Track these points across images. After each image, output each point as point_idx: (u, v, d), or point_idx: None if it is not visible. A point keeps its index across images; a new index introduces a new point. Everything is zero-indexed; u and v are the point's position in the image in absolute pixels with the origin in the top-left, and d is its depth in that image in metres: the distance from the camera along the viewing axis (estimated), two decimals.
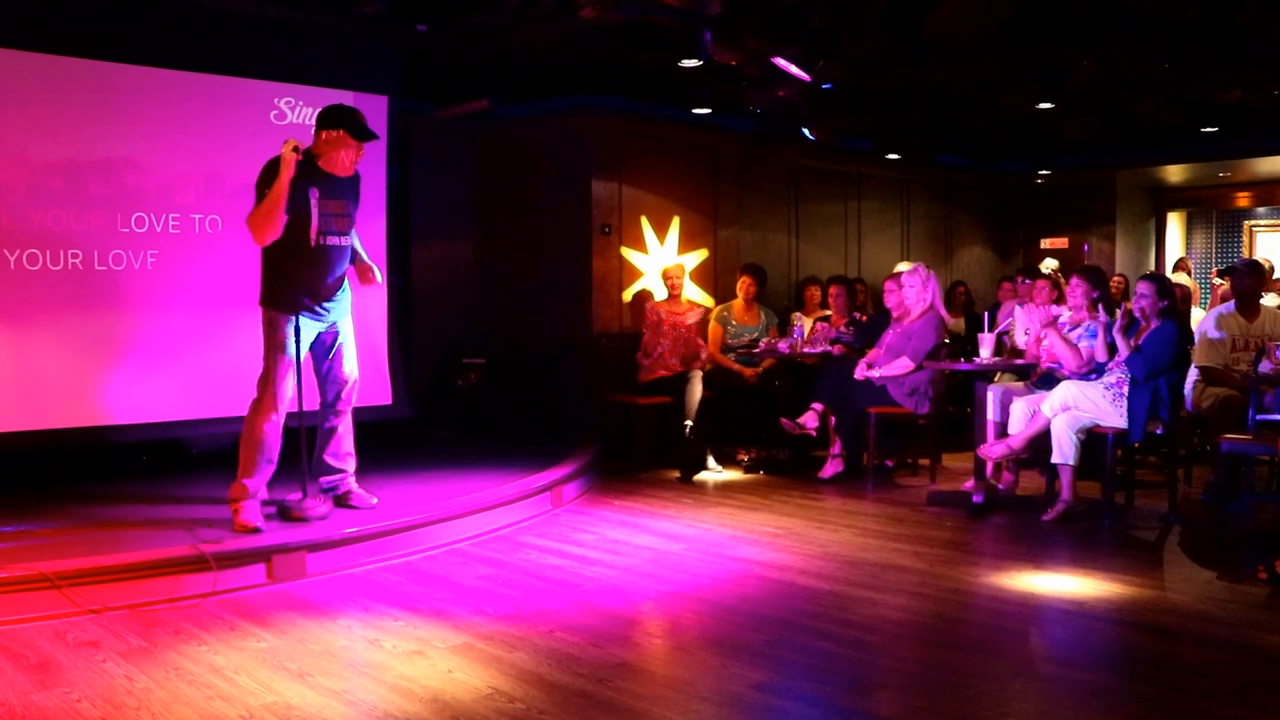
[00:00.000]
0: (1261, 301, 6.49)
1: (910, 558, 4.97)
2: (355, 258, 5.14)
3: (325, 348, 5.05)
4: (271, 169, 4.73)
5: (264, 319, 4.88)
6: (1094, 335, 5.89)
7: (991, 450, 5.95)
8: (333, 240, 4.89)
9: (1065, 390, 5.69)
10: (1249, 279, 6.41)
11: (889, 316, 7.07)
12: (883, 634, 3.91)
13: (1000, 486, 6.30)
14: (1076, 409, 5.64)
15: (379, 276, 5.19)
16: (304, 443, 4.87)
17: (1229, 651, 3.76)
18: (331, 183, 4.86)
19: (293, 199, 4.68)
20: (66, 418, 5.74)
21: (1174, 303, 5.95)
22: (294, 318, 4.82)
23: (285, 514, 4.88)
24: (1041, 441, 5.75)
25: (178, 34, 6.00)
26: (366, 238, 6.60)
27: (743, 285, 8.01)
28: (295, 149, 4.66)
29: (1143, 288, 5.82)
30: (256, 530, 4.63)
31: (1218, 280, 10.34)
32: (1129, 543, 5.41)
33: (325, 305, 4.93)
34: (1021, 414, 5.86)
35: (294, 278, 4.80)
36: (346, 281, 5.08)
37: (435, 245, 8.34)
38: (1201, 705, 3.24)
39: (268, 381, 4.83)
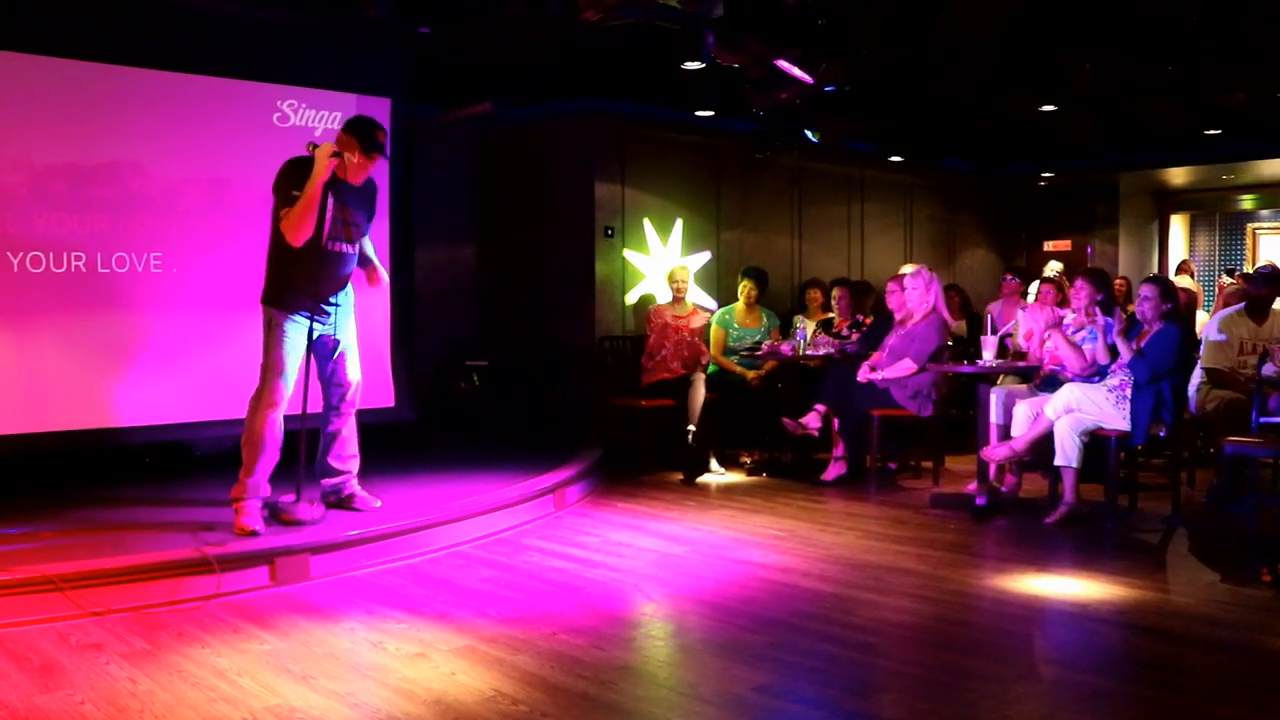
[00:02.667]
0: (1272, 306, 6.47)
1: (913, 560, 4.96)
2: (364, 260, 5.15)
3: (328, 351, 5.05)
4: (292, 169, 4.75)
5: (264, 317, 4.90)
6: (1096, 338, 5.88)
7: (994, 452, 5.95)
8: (338, 247, 4.88)
9: (1068, 393, 5.69)
10: (1265, 287, 6.39)
11: (891, 319, 7.07)
12: (885, 636, 3.91)
13: (1003, 489, 6.30)
14: (1079, 411, 5.63)
15: (384, 277, 5.20)
16: (303, 445, 4.87)
17: (1232, 654, 3.76)
18: (345, 191, 4.85)
19: None
20: (70, 420, 5.74)
21: (1177, 305, 5.94)
22: (294, 316, 4.83)
23: (276, 516, 4.85)
24: (1044, 444, 5.75)
25: (180, 37, 6.00)
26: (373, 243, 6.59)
27: (744, 289, 8.00)
28: (335, 153, 4.68)
29: (1146, 290, 5.81)
30: (255, 533, 4.62)
31: (1226, 280, 10.34)
32: (1132, 545, 5.40)
33: (326, 308, 4.92)
34: (1024, 416, 5.86)
35: (297, 279, 4.81)
36: (350, 285, 5.09)
37: (438, 248, 8.34)
38: (1205, 708, 3.23)
39: (266, 378, 4.84)
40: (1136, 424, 5.56)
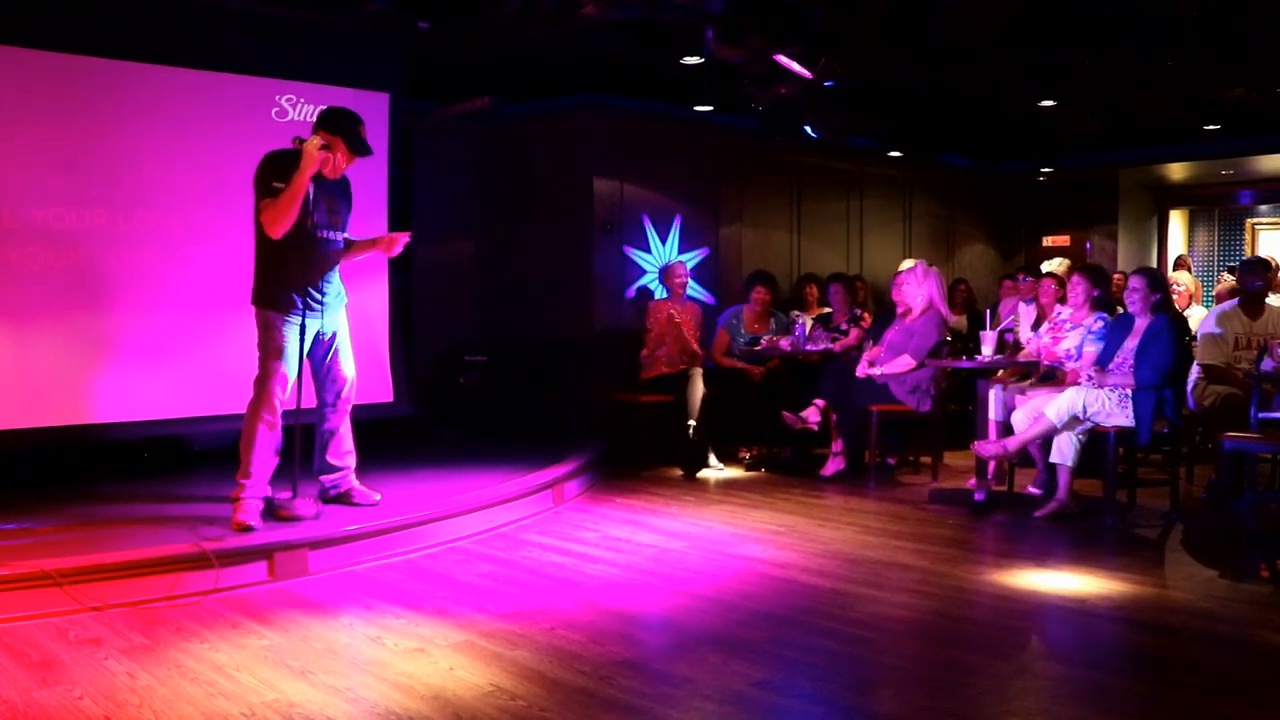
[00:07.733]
0: (1266, 300, 6.47)
1: (912, 555, 4.97)
2: (363, 245, 5.18)
3: (323, 348, 5.04)
4: (273, 162, 4.75)
5: (259, 320, 4.86)
6: (1102, 336, 5.89)
7: (985, 448, 5.90)
8: (325, 234, 4.90)
9: (1073, 398, 5.59)
10: (1258, 278, 6.39)
11: (892, 314, 7.06)
12: (884, 632, 3.91)
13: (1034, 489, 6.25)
14: (1084, 417, 5.58)
15: (399, 236, 5.16)
16: (298, 441, 4.86)
17: (1231, 650, 3.76)
18: (325, 181, 4.86)
19: None
20: (67, 415, 5.74)
21: (1166, 296, 5.93)
22: (289, 318, 4.82)
23: (273, 513, 4.84)
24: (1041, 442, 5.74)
25: (179, 31, 6.00)
26: (369, 236, 6.58)
27: (758, 295, 7.85)
28: (322, 147, 4.69)
29: (1134, 281, 5.81)
30: (250, 528, 4.61)
31: (1228, 276, 10.32)
32: (1131, 541, 5.41)
33: (319, 299, 4.90)
34: (1024, 415, 5.83)
35: (290, 269, 4.79)
36: (341, 281, 5.08)
37: (437, 243, 8.33)
38: (1203, 704, 3.23)
39: (264, 384, 4.81)
40: (1140, 423, 5.54)
